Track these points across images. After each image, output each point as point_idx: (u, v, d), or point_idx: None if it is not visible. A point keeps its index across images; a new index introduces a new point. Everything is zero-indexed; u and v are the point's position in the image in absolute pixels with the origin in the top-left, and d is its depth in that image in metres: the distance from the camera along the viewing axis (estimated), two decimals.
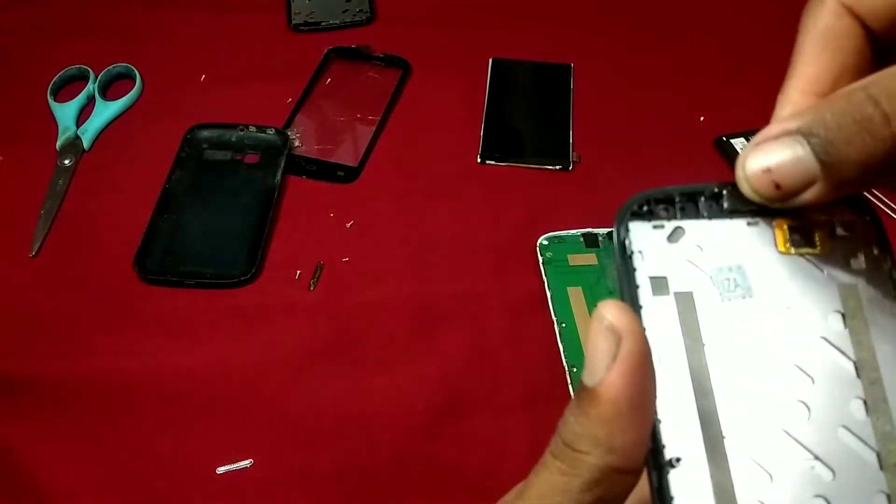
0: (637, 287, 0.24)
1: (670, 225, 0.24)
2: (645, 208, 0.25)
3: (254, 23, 0.83)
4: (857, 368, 0.23)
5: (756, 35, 0.80)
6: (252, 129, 0.73)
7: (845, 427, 0.22)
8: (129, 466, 0.56)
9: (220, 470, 0.56)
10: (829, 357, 0.23)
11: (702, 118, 0.71)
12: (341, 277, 0.65)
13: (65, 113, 0.75)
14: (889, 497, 0.22)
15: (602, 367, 0.22)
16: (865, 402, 0.23)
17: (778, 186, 0.23)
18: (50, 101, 0.76)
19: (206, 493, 0.55)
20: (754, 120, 0.27)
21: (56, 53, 0.79)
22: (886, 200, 0.63)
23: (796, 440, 0.22)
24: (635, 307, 0.23)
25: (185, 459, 0.56)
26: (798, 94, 0.26)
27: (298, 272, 0.65)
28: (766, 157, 0.23)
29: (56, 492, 0.54)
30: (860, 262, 0.24)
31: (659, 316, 0.23)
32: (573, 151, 0.73)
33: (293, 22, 0.82)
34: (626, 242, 0.24)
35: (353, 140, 0.74)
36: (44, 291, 0.64)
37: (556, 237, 0.65)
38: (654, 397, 0.22)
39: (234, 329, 0.62)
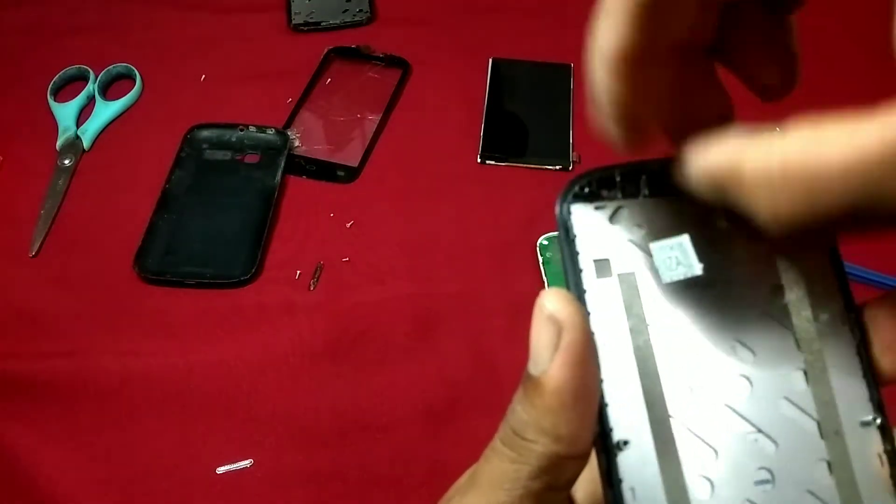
0: (581, 271, 0.24)
1: (611, 205, 0.24)
2: (586, 189, 0.24)
3: (254, 23, 0.83)
4: (797, 340, 0.23)
5: None
6: (252, 129, 0.73)
7: (787, 398, 0.23)
8: (129, 466, 0.56)
9: (220, 470, 0.56)
10: (770, 331, 0.23)
11: None
12: (341, 277, 0.65)
13: (65, 113, 0.75)
14: (830, 464, 0.22)
15: (545, 358, 0.22)
16: (806, 373, 0.23)
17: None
18: (50, 101, 0.76)
19: (206, 493, 0.55)
20: (753, 120, 0.27)
21: (56, 53, 0.79)
22: None
23: (739, 414, 0.23)
24: (580, 291, 0.23)
25: (185, 459, 0.56)
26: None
27: (298, 272, 0.65)
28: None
29: (56, 491, 0.54)
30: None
31: (603, 299, 0.23)
32: (573, 151, 0.72)
33: (293, 22, 0.82)
34: (569, 225, 0.24)
35: (353, 140, 0.74)
36: (44, 291, 0.64)
37: (556, 237, 0.65)
38: (599, 385, 0.23)
39: (234, 329, 0.62)
